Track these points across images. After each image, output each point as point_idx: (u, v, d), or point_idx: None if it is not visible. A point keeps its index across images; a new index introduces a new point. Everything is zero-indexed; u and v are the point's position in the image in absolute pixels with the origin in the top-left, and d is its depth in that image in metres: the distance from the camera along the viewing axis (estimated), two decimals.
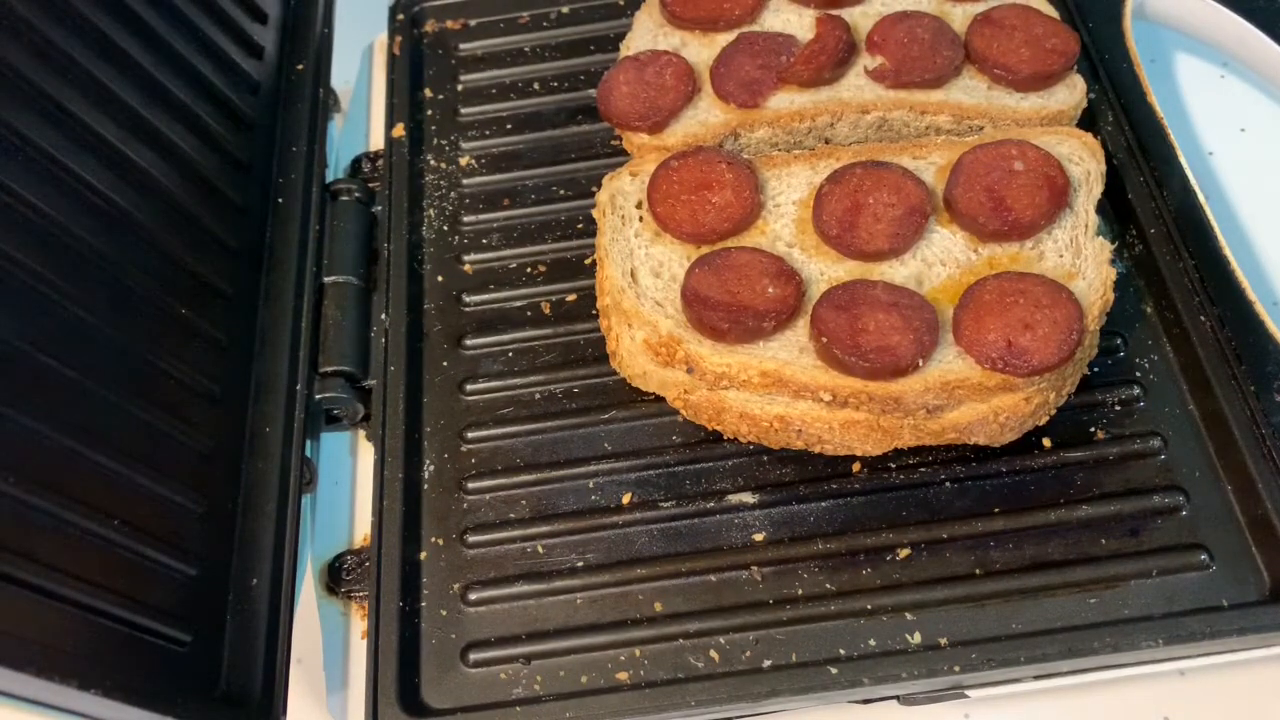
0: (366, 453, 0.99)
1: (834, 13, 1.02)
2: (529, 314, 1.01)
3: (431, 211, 1.09)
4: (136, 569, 0.78)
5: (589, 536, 0.88)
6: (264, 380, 0.96)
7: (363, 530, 0.96)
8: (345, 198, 1.10)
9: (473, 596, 0.87)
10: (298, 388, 0.96)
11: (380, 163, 1.12)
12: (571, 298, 1.01)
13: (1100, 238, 0.88)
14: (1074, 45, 0.97)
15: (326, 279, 1.03)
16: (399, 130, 1.13)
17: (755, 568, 0.85)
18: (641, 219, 0.93)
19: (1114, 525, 0.85)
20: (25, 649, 0.65)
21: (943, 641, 0.80)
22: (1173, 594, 0.81)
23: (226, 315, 0.96)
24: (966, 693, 0.81)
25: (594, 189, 0.98)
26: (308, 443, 0.96)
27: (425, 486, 0.92)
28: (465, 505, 0.91)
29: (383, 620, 0.85)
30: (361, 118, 1.22)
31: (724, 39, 1.03)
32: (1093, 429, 0.89)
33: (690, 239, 0.90)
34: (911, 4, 1.03)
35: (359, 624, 0.91)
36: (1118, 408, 0.90)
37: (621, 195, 0.94)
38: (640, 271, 0.90)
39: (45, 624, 0.69)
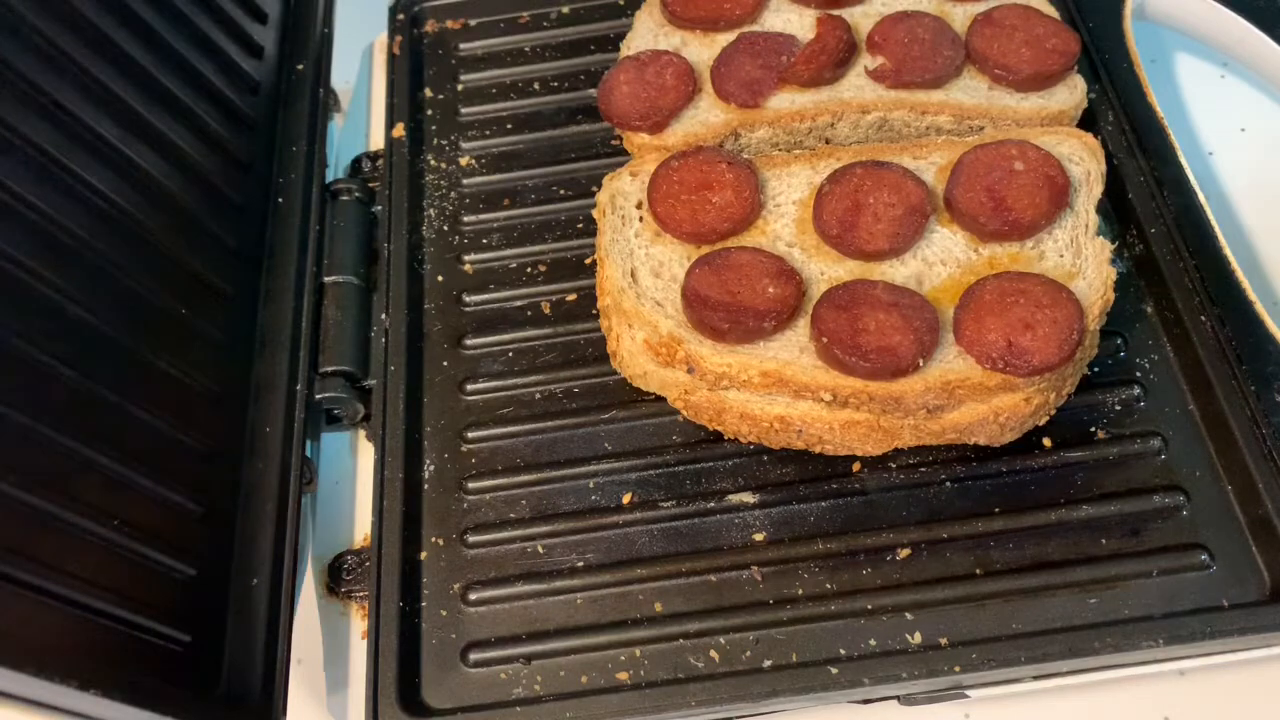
0: (366, 453, 0.99)
1: (834, 13, 1.02)
2: (529, 314, 1.01)
3: (431, 211, 1.09)
4: (136, 569, 0.78)
5: (589, 536, 0.88)
6: (264, 380, 0.96)
7: (363, 530, 0.96)
8: (345, 197, 1.09)
9: (473, 596, 0.87)
10: (298, 388, 0.96)
11: (380, 162, 1.12)
12: (571, 298, 1.01)
13: (1100, 238, 0.88)
14: (1074, 45, 0.97)
15: (326, 279, 1.03)
16: (399, 130, 1.13)
17: (755, 568, 0.85)
18: (641, 219, 0.93)
19: (1114, 525, 0.85)
20: (25, 649, 0.65)
21: (943, 641, 0.80)
22: (1173, 594, 0.81)
23: (226, 315, 0.95)
24: (966, 693, 0.81)
25: (594, 189, 0.98)
26: (308, 443, 0.96)
27: (425, 486, 0.92)
28: (465, 505, 0.91)
29: (383, 620, 0.85)
30: (361, 118, 1.22)
31: (724, 39, 1.03)
32: (1093, 429, 0.89)
33: (690, 239, 0.90)
34: (912, 4, 1.03)
35: (359, 624, 0.91)
36: (1118, 408, 0.90)
37: (621, 195, 0.94)
38: (640, 271, 0.90)
39: (45, 624, 0.69)
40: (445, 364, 0.99)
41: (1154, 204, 0.96)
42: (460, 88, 1.18)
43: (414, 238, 1.06)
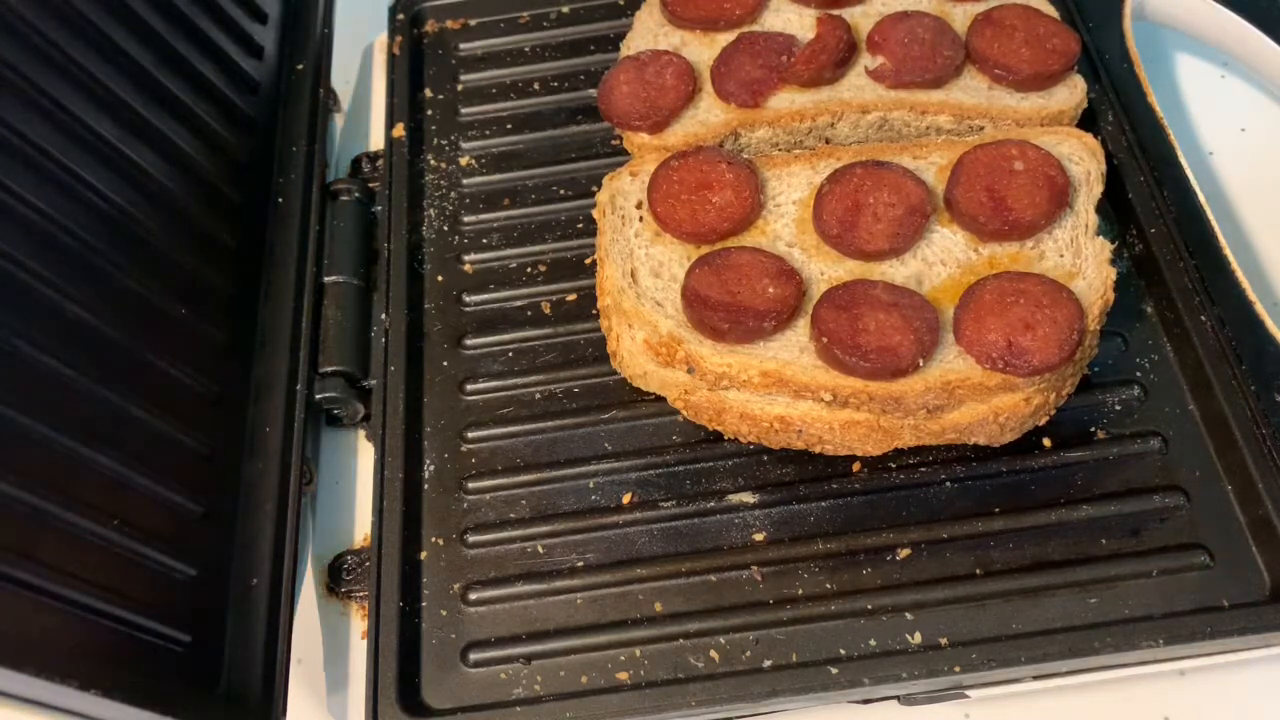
0: (366, 453, 0.99)
1: (834, 12, 1.02)
2: (529, 314, 1.01)
3: (431, 211, 1.09)
4: (136, 569, 0.78)
5: (589, 536, 0.88)
6: (264, 380, 0.96)
7: (363, 530, 0.96)
8: (345, 198, 1.09)
9: (473, 596, 0.87)
10: (298, 388, 0.96)
11: (380, 163, 1.12)
12: (571, 297, 1.01)
13: (1100, 238, 0.88)
14: (1074, 45, 0.97)
15: (326, 279, 1.03)
16: (399, 130, 1.13)
17: (755, 568, 0.85)
18: (641, 219, 0.93)
19: (1114, 525, 0.85)
20: (25, 649, 0.65)
21: (943, 641, 0.80)
22: (1173, 594, 0.81)
23: (226, 315, 0.96)
24: (967, 693, 0.81)
25: (594, 189, 0.98)
26: (308, 443, 0.96)
27: (425, 486, 0.92)
28: (465, 505, 0.91)
29: (383, 620, 0.85)
30: (362, 118, 1.22)
31: (724, 39, 1.03)
32: (1093, 429, 0.89)
33: (690, 239, 0.90)
34: (912, 4, 1.03)
35: (359, 624, 0.91)
36: (1118, 408, 0.90)
37: (621, 195, 0.94)
38: (640, 271, 0.90)
39: (45, 624, 0.69)
40: (445, 364, 0.99)
41: (1154, 204, 0.96)
42: (460, 88, 1.18)
43: (414, 238, 1.06)
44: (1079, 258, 0.87)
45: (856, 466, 0.89)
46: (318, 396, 0.97)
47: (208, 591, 0.83)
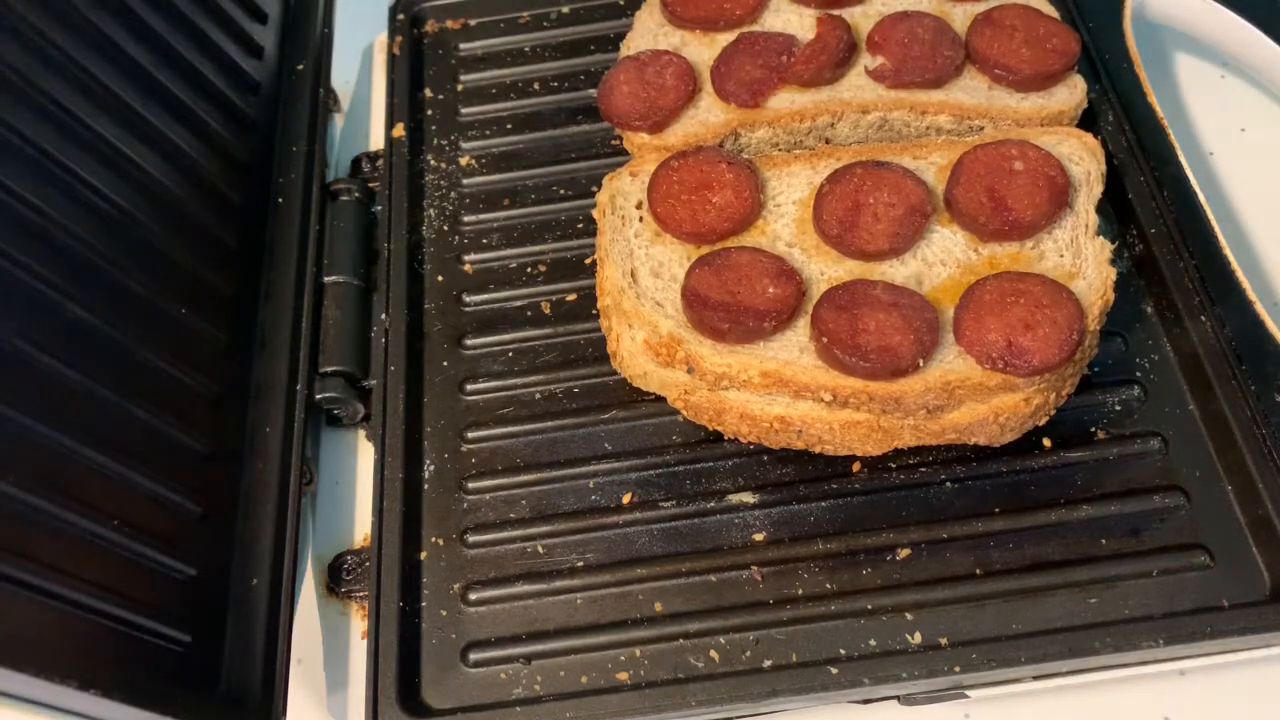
0: (366, 453, 0.99)
1: (834, 13, 1.02)
2: (529, 314, 1.01)
3: (431, 211, 1.09)
4: (136, 569, 0.78)
5: (589, 536, 0.88)
6: (264, 380, 0.96)
7: (363, 530, 0.96)
8: (345, 197, 1.10)
9: (473, 596, 0.87)
10: (298, 388, 0.96)
11: (380, 163, 1.12)
12: (571, 298, 1.01)
13: (1100, 238, 0.88)
14: (1074, 45, 0.97)
15: (326, 279, 1.03)
16: (399, 130, 1.13)
17: (755, 568, 0.85)
18: (641, 219, 0.93)
19: (1114, 525, 0.85)
20: (25, 649, 0.65)
21: (943, 641, 0.80)
22: (1173, 594, 0.81)
23: (226, 315, 0.96)
24: (967, 693, 0.81)
25: (594, 189, 0.98)
26: (308, 443, 0.96)
27: (425, 486, 0.92)
28: (465, 505, 0.91)
29: (383, 620, 0.85)
30: (361, 118, 1.22)
31: (724, 39, 1.03)
32: (1093, 429, 0.89)
33: (690, 239, 0.90)
34: (912, 4, 1.03)
35: (359, 624, 0.91)
36: (1118, 408, 0.90)
37: (621, 195, 0.94)
38: (640, 271, 0.90)
39: (45, 624, 0.69)
40: (445, 364, 0.99)
41: (1154, 204, 0.96)
42: (460, 88, 1.18)
43: (414, 238, 1.06)
44: (1079, 258, 0.87)
45: (856, 466, 0.89)
46: (318, 396, 0.97)
47: (208, 591, 0.84)
